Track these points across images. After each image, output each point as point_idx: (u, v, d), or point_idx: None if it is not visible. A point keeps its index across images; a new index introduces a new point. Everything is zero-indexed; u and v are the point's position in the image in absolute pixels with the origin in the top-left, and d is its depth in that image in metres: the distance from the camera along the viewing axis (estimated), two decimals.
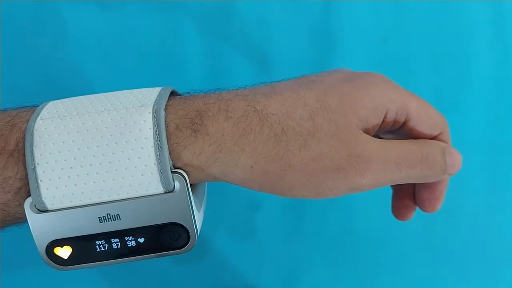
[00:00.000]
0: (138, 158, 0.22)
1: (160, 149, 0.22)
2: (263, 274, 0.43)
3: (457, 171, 0.26)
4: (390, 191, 0.31)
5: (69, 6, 0.41)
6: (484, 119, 0.43)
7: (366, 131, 0.24)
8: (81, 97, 0.24)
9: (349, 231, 0.44)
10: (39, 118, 0.22)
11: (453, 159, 0.26)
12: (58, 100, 0.24)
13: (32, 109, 0.24)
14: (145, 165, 0.22)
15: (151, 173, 0.22)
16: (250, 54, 0.42)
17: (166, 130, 0.22)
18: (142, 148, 0.22)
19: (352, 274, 0.44)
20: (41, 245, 0.23)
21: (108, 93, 0.24)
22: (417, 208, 0.43)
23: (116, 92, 0.24)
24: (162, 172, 0.22)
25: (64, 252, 0.23)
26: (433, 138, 0.27)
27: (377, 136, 0.27)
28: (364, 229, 0.43)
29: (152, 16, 0.41)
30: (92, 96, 0.24)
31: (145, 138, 0.22)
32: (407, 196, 0.30)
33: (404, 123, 0.26)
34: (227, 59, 0.42)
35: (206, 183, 0.28)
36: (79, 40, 0.41)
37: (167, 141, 0.22)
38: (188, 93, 0.25)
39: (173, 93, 0.25)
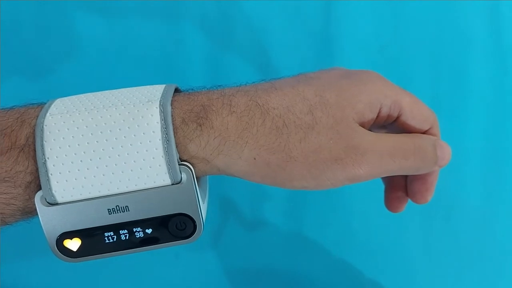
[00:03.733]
0: (146, 150, 0.22)
1: (167, 141, 0.22)
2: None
3: (447, 163, 0.28)
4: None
5: (72, 13, 0.41)
6: (482, 125, 0.44)
7: (362, 125, 0.25)
8: (87, 94, 0.25)
9: (350, 232, 0.44)
10: (48, 114, 0.23)
11: (444, 151, 0.27)
12: (65, 97, 0.25)
13: (40, 106, 0.24)
14: (153, 158, 0.22)
15: (159, 165, 0.23)
16: (251, 61, 0.43)
17: (173, 123, 0.23)
18: (150, 141, 0.22)
19: (352, 274, 0.45)
20: (51, 238, 0.23)
21: (113, 90, 0.25)
22: (416, 214, 0.44)
23: (122, 89, 0.25)
24: (169, 164, 0.23)
25: (73, 244, 0.24)
26: (424, 132, 0.28)
27: (371, 131, 0.28)
28: (365, 228, 0.44)
29: (155, 24, 0.42)
30: (98, 93, 0.25)
31: (153, 132, 0.22)
32: (399, 188, 0.31)
33: (397, 118, 0.27)
34: (228, 65, 0.43)
35: (207, 177, 0.29)
36: (81, 48, 0.42)
37: (174, 134, 0.23)
38: (192, 89, 0.26)
39: (176, 90, 0.26)
